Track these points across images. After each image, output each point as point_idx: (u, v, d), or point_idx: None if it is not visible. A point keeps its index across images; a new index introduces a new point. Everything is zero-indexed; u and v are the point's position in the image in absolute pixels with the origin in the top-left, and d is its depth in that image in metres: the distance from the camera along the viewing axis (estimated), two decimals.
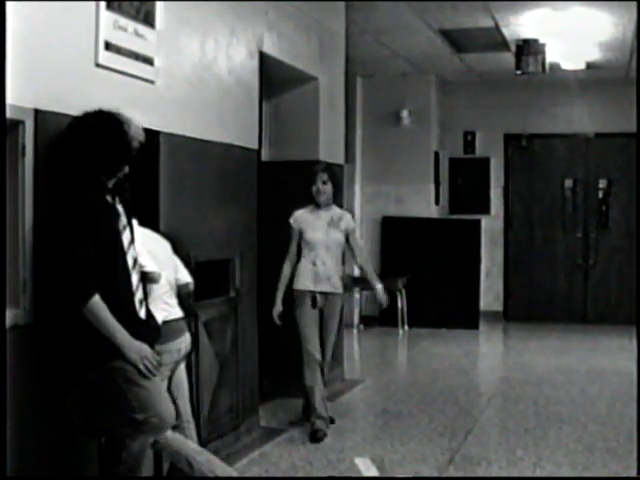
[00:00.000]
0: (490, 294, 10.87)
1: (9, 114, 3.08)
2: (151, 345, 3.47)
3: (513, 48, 8.42)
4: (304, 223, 5.36)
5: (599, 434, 5.50)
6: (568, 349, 8.95)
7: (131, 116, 3.38)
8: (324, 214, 5.37)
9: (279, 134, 6.46)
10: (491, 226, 10.86)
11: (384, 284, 5.68)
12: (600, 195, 10.68)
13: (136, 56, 3.96)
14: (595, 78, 10.03)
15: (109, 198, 3.34)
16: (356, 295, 9.94)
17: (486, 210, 10.93)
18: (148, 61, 4.07)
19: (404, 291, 9.98)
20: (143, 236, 3.72)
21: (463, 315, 10.06)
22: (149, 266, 3.67)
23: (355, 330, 9.88)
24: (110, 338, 3.20)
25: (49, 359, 3.38)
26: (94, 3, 3.65)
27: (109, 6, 3.72)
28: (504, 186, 10.97)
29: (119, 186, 3.40)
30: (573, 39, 8.27)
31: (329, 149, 6.55)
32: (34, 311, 3.31)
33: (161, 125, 4.25)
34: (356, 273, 8.86)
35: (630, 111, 7.57)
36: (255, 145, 5.44)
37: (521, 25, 7.75)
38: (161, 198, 4.31)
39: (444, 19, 7.63)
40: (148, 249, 3.70)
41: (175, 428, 3.68)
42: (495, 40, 8.34)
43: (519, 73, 8.42)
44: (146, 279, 3.58)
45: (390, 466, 4.81)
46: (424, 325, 9.95)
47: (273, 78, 6.08)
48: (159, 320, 3.65)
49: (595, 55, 8.95)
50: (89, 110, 3.33)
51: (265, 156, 6.39)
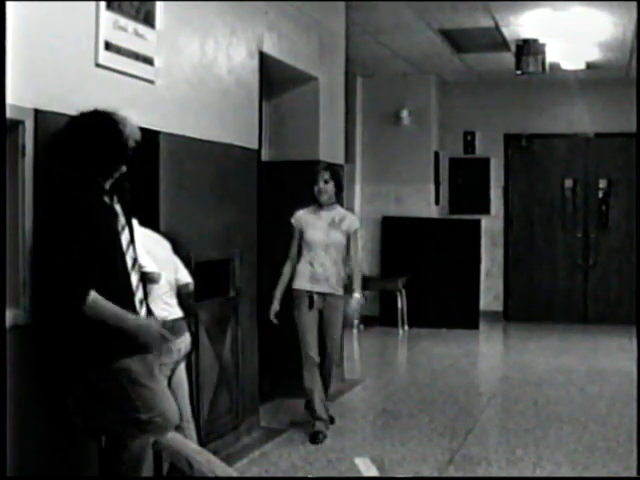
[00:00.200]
0: (490, 294, 10.87)
1: (9, 114, 3.08)
2: (152, 345, 3.48)
3: (513, 48, 8.42)
4: (305, 223, 5.33)
5: (599, 434, 5.50)
6: (568, 349, 8.95)
7: (128, 115, 3.37)
8: (326, 214, 5.33)
9: (279, 134, 6.46)
10: (491, 226, 10.85)
11: (384, 284, 5.67)
12: (600, 195, 10.67)
13: (136, 56, 3.97)
14: (595, 78, 10.02)
15: (106, 198, 3.33)
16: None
17: (486, 210, 10.92)
18: (148, 61, 4.07)
19: (404, 291, 9.97)
20: (143, 236, 3.72)
21: (463, 315, 10.06)
22: (149, 266, 3.67)
23: (355, 330, 9.88)
24: (121, 326, 3.22)
25: (49, 359, 3.38)
26: (94, 3, 3.65)
27: (109, 6, 3.72)
28: (504, 186, 10.96)
29: (118, 186, 3.40)
30: (573, 39, 8.27)
31: (329, 149, 6.55)
32: (34, 311, 3.31)
33: (161, 125, 4.26)
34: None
35: (630, 111, 7.56)
36: (255, 145, 5.44)
37: (521, 25, 7.74)
38: (161, 198, 4.31)
39: (444, 19, 7.63)
40: (148, 249, 3.70)
41: (175, 428, 3.68)
42: (495, 40, 8.33)
43: (519, 73, 8.42)
44: (146, 279, 3.59)
45: (390, 466, 4.82)
46: (424, 325, 9.94)
47: (273, 78, 6.08)
48: (159, 320, 3.65)
49: (595, 55, 8.95)
50: (85, 110, 3.33)
51: (265, 156, 6.39)
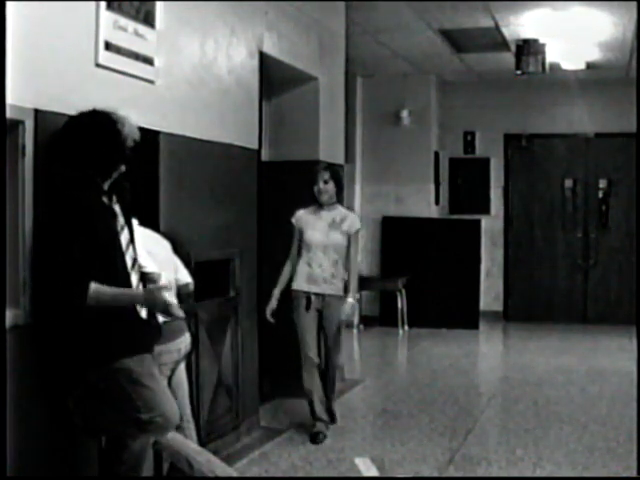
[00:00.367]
0: (490, 294, 10.86)
1: (9, 114, 3.08)
2: (152, 345, 3.48)
3: (513, 48, 8.42)
4: (304, 223, 5.31)
5: (599, 434, 5.50)
6: (568, 349, 8.95)
7: (127, 115, 3.37)
8: (326, 214, 5.31)
9: (279, 134, 6.46)
10: (491, 226, 10.85)
11: (384, 284, 5.65)
12: (600, 195, 10.67)
13: (136, 56, 3.96)
14: (595, 78, 10.02)
15: (105, 199, 3.33)
16: (356, 295, 9.89)
17: (486, 210, 10.92)
18: (148, 61, 4.07)
19: (404, 291, 9.97)
20: (143, 236, 3.72)
21: (463, 315, 10.05)
22: (149, 266, 3.67)
23: (355, 330, 9.88)
24: (129, 304, 3.27)
25: (49, 359, 3.38)
26: (94, 3, 3.65)
27: (109, 6, 3.72)
28: (504, 186, 10.96)
29: (117, 186, 3.39)
30: (573, 39, 8.26)
31: (329, 149, 6.55)
32: (34, 311, 3.31)
33: (161, 125, 4.26)
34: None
35: (630, 111, 7.58)
36: (255, 145, 5.44)
37: (521, 25, 7.74)
38: (161, 198, 4.31)
39: (444, 19, 7.63)
40: (148, 249, 3.70)
41: (175, 428, 3.68)
42: (495, 40, 8.33)
43: (519, 73, 8.42)
44: (146, 279, 3.59)
45: (390, 466, 4.82)
46: (424, 325, 9.94)
47: (273, 78, 6.08)
48: (159, 320, 3.65)
49: (595, 55, 8.94)
50: (84, 110, 3.32)
51: (265, 156, 6.38)
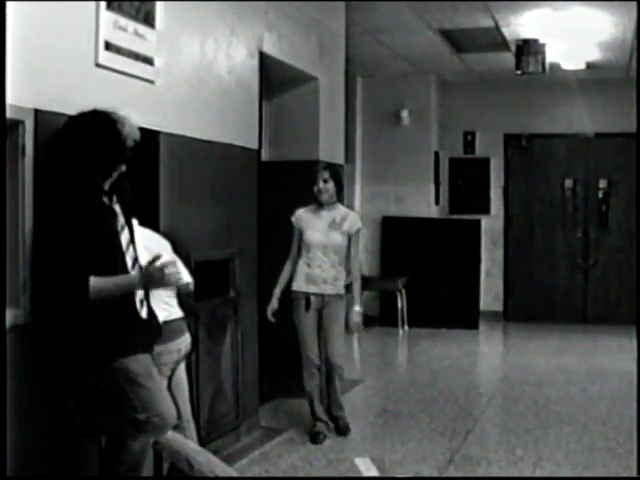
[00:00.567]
0: (490, 294, 10.86)
1: (9, 114, 3.09)
2: (152, 345, 3.48)
3: (513, 48, 8.42)
4: (304, 223, 5.29)
5: (599, 434, 5.50)
6: (568, 349, 8.95)
7: (128, 115, 3.37)
8: (326, 214, 5.28)
9: (279, 134, 6.46)
10: (491, 226, 10.85)
11: (384, 284, 5.63)
12: (600, 195, 10.67)
13: (136, 56, 3.96)
14: (595, 78, 10.02)
15: (105, 199, 3.33)
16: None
17: (486, 210, 10.91)
18: (148, 61, 4.07)
19: (404, 291, 9.97)
20: (143, 236, 3.72)
21: (463, 315, 10.05)
22: None
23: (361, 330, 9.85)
24: (129, 288, 3.27)
25: (49, 359, 3.38)
26: (94, 3, 3.65)
27: (109, 6, 3.72)
28: (504, 186, 10.96)
29: (117, 186, 3.39)
30: (573, 39, 8.26)
31: (329, 149, 6.54)
32: (34, 311, 3.31)
33: (161, 125, 4.25)
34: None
35: (630, 111, 7.59)
36: (255, 145, 5.44)
37: (521, 25, 7.74)
38: (161, 198, 4.31)
39: (444, 19, 7.63)
40: (148, 249, 3.69)
41: (175, 428, 3.68)
42: (495, 40, 8.33)
43: (519, 73, 8.41)
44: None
45: (390, 466, 4.82)
46: (424, 325, 9.94)
47: (273, 78, 6.08)
48: (160, 320, 3.65)
49: (595, 55, 8.94)
50: (84, 110, 3.33)
51: (265, 156, 6.38)
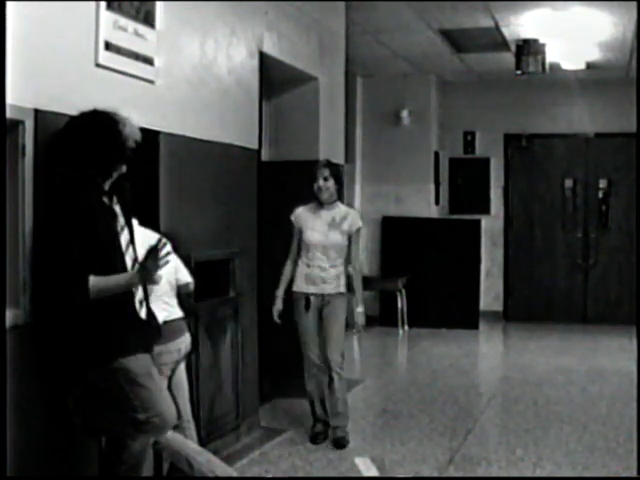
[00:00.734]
0: (490, 294, 10.86)
1: (9, 114, 3.09)
2: (152, 345, 3.48)
3: (513, 48, 8.42)
4: (303, 222, 5.22)
5: (599, 434, 5.50)
6: (568, 349, 8.95)
7: (128, 115, 3.37)
8: (326, 213, 5.21)
9: (279, 134, 6.46)
10: (491, 226, 10.85)
11: (384, 284, 5.61)
12: (600, 195, 10.67)
13: (136, 56, 3.97)
14: (595, 78, 10.02)
15: (105, 199, 3.33)
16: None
17: (486, 210, 10.91)
18: (148, 61, 4.07)
19: (404, 291, 9.97)
20: (143, 236, 3.71)
21: (463, 315, 10.05)
22: None
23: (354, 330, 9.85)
24: (128, 285, 3.26)
25: (49, 359, 3.38)
26: (94, 3, 3.65)
27: (109, 6, 3.72)
28: (504, 186, 10.95)
29: (117, 186, 3.40)
30: (573, 39, 8.26)
31: (329, 149, 6.54)
32: (34, 311, 3.31)
33: (161, 125, 4.26)
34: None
35: (630, 111, 7.59)
36: (255, 145, 5.44)
37: (521, 25, 7.74)
38: (161, 198, 4.31)
39: (444, 19, 7.63)
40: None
41: (175, 428, 3.68)
42: (495, 40, 8.33)
43: (519, 73, 8.41)
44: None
45: (390, 466, 4.82)
46: (424, 325, 9.94)
47: (273, 78, 6.08)
48: (160, 320, 3.65)
49: (595, 55, 8.94)
50: (85, 110, 3.33)
51: (265, 156, 6.39)
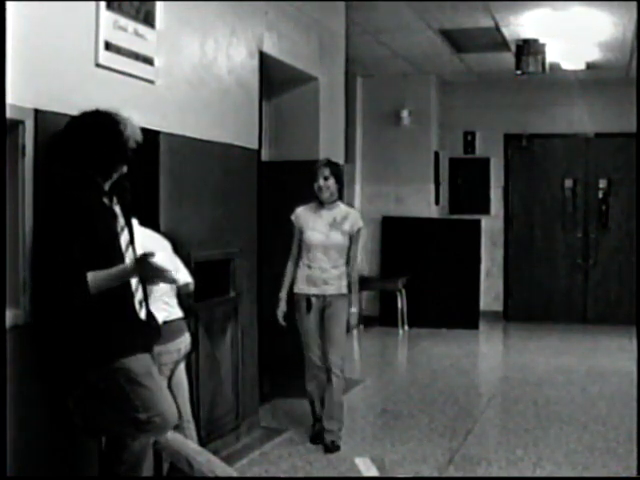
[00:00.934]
0: (490, 294, 10.86)
1: (9, 114, 3.08)
2: (151, 345, 3.48)
3: (513, 48, 8.42)
4: (304, 222, 5.18)
5: (599, 434, 5.50)
6: (568, 349, 8.95)
7: (130, 116, 3.37)
8: (327, 213, 5.17)
9: (279, 134, 6.46)
10: (491, 226, 10.84)
11: (384, 284, 5.60)
12: (600, 195, 10.67)
13: (136, 56, 3.97)
14: (595, 78, 10.02)
15: (106, 199, 3.33)
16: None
17: (486, 210, 10.91)
18: (148, 61, 4.07)
19: (404, 291, 9.97)
20: (143, 236, 3.71)
21: (463, 315, 10.05)
22: None
23: (355, 330, 9.87)
24: (124, 278, 3.27)
25: (49, 359, 3.38)
26: (94, 3, 3.65)
27: (109, 6, 3.72)
28: (504, 186, 10.95)
29: (118, 187, 3.39)
30: (573, 39, 8.26)
31: (329, 149, 6.54)
32: (34, 311, 3.31)
33: (161, 125, 4.26)
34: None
35: (630, 111, 7.56)
36: (255, 145, 5.43)
37: (521, 25, 7.74)
38: (161, 198, 4.31)
39: (444, 19, 7.62)
40: (148, 250, 3.69)
41: (175, 428, 3.68)
42: (495, 40, 8.33)
43: (519, 73, 8.41)
44: (146, 280, 3.58)
45: (390, 466, 4.82)
46: (424, 325, 9.94)
47: (273, 78, 6.08)
48: (160, 320, 3.65)
49: (595, 55, 8.94)
50: (87, 110, 3.33)
51: (265, 156, 6.39)
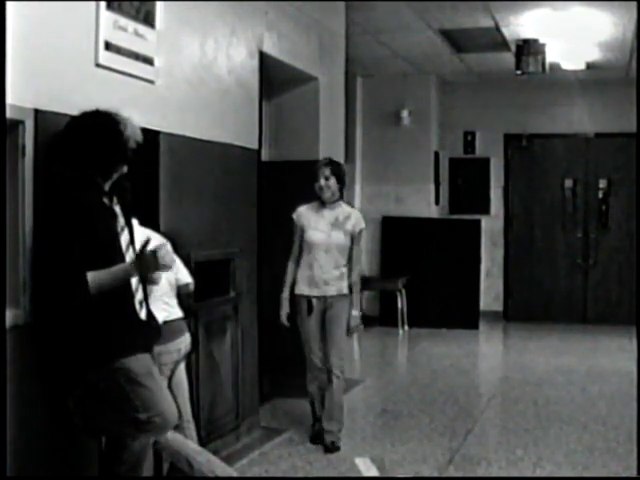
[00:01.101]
0: (490, 294, 10.86)
1: (9, 114, 3.08)
2: (151, 345, 3.48)
3: (513, 48, 8.42)
4: (306, 221, 5.15)
5: (599, 434, 5.50)
6: (568, 349, 8.95)
7: (130, 116, 3.37)
8: (329, 213, 5.14)
9: (279, 134, 6.46)
10: (491, 226, 10.85)
11: (384, 284, 5.59)
12: (600, 195, 10.67)
13: (136, 56, 3.97)
14: (595, 78, 10.02)
15: (106, 199, 3.33)
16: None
17: (486, 210, 10.91)
18: (148, 61, 4.07)
19: (404, 291, 9.97)
20: (143, 236, 3.71)
21: (463, 315, 10.05)
22: None
23: (356, 334, 9.86)
24: (125, 277, 3.26)
25: (49, 359, 3.38)
26: (94, 3, 3.65)
27: (109, 6, 3.72)
28: (504, 186, 10.96)
29: (118, 187, 3.39)
30: (573, 39, 8.26)
31: (329, 149, 6.54)
32: (34, 311, 3.31)
33: (161, 125, 4.26)
34: None
35: (630, 111, 7.58)
36: (255, 145, 5.43)
37: (521, 25, 7.74)
38: (161, 198, 4.31)
39: (444, 19, 7.62)
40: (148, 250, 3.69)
41: (175, 428, 3.68)
42: (495, 40, 8.33)
43: (519, 73, 8.41)
44: (146, 280, 3.58)
45: (390, 466, 4.82)
46: (424, 325, 9.94)
47: (273, 78, 6.08)
48: (160, 320, 3.65)
49: (595, 55, 8.94)
50: (87, 110, 3.33)
51: (265, 156, 6.39)
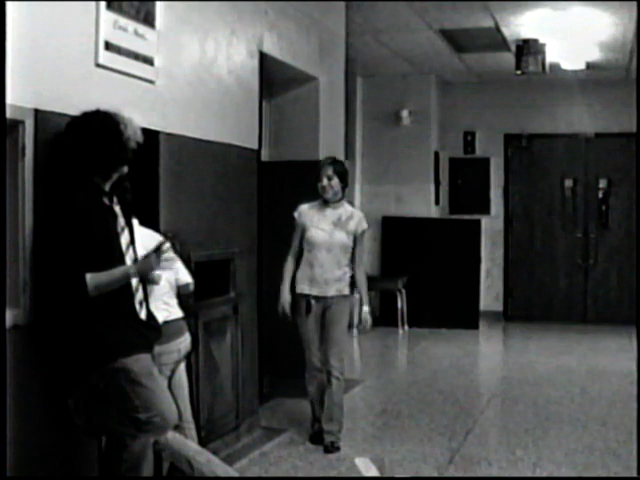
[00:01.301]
0: (490, 294, 10.86)
1: (9, 114, 3.08)
2: (152, 345, 3.48)
3: (513, 48, 8.42)
4: (308, 220, 5.11)
5: (599, 434, 5.50)
6: (568, 349, 8.95)
7: (131, 116, 3.37)
8: (331, 212, 5.11)
9: (279, 134, 6.46)
10: (491, 226, 10.85)
11: (384, 284, 5.60)
12: (600, 195, 10.67)
13: (136, 56, 3.96)
14: (595, 78, 10.02)
15: (106, 199, 3.33)
16: (356, 295, 9.87)
17: (486, 210, 10.92)
18: (148, 61, 4.07)
19: (404, 291, 9.98)
20: (143, 236, 3.71)
21: (463, 315, 10.05)
22: None
23: (355, 330, 9.86)
24: (125, 279, 3.28)
25: (49, 359, 3.38)
26: (94, 3, 3.65)
27: (109, 6, 3.72)
28: (504, 186, 10.97)
29: (118, 187, 3.39)
30: (573, 39, 8.26)
31: (329, 149, 6.53)
32: (34, 311, 3.31)
33: (161, 125, 4.25)
34: None
35: (630, 111, 7.58)
36: (255, 145, 5.43)
37: (521, 25, 7.74)
38: (161, 198, 4.31)
39: (444, 19, 7.63)
40: (148, 249, 3.69)
41: (175, 428, 3.68)
42: (495, 40, 8.33)
43: (519, 73, 8.42)
44: (146, 280, 3.58)
45: (390, 466, 4.82)
46: (424, 325, 9.94)
47: (273, 78, 6.08)
48: (160, 320, 3.65)
49: (595, 55, 8.94)
50: (88, 110, 3.33)
51: (265, 156, 6.39)
